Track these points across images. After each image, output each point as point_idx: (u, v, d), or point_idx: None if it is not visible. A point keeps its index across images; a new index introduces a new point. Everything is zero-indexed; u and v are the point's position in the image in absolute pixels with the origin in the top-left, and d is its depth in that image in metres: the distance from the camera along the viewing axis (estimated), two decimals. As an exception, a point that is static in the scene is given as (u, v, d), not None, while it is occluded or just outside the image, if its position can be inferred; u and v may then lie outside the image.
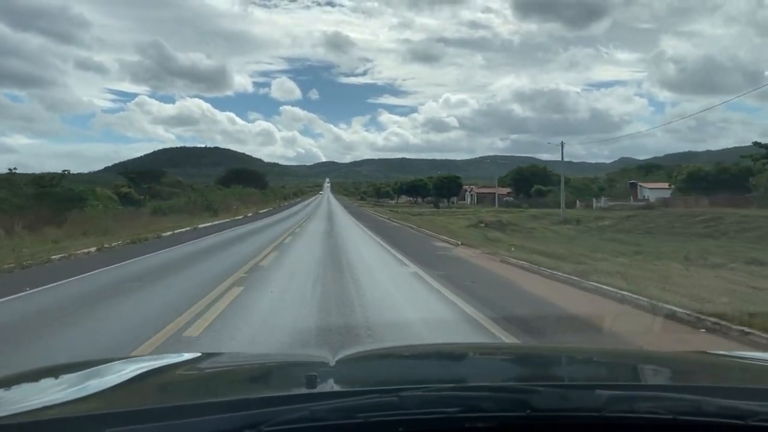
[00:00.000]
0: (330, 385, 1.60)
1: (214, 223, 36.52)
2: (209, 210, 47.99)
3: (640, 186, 74.83)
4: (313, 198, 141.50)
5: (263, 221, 41.06)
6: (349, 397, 1.36)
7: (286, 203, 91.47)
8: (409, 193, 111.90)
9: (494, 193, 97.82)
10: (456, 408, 1.23)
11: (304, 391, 1.41)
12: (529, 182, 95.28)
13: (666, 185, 75.79)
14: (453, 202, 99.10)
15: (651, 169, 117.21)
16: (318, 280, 11.27)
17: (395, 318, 7.89)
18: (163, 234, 24.52)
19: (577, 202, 62.16)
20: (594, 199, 63.74)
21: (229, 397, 1.51)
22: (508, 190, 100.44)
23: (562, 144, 52.76)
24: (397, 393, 1.29)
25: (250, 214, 51.48)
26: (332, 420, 1.20)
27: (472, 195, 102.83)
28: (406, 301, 9.40)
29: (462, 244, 20.67)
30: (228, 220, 41.66)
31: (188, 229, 28.86)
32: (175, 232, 26.42)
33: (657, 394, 1.38)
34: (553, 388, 1.43)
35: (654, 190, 72.55)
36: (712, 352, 2.57)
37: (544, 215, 52.13)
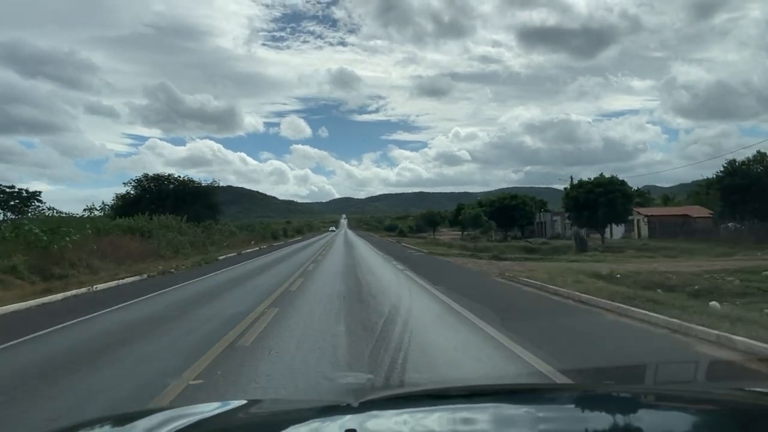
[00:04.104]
0: None
1: None
2: None
3: None
4: (323, 236, 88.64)
5: None
6: None
7: (245, 251, 39.25)
8: (503, 223, 57.98)
9: (689, 217, 44.67)
10: None
11: None
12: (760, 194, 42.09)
13: None
14: (596, 235, 45.41)
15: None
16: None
17: None
18: None
19: None
20: None
21: None
22: (702, 210, 47.36)
23: None
24: None
25: None
26: None
27: (639, 222, 49.27)
28: None
29: None
30: None
31: None
32: None
33: None
34: None
35: None
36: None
37: None
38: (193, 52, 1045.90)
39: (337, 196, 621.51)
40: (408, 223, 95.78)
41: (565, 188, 44.70)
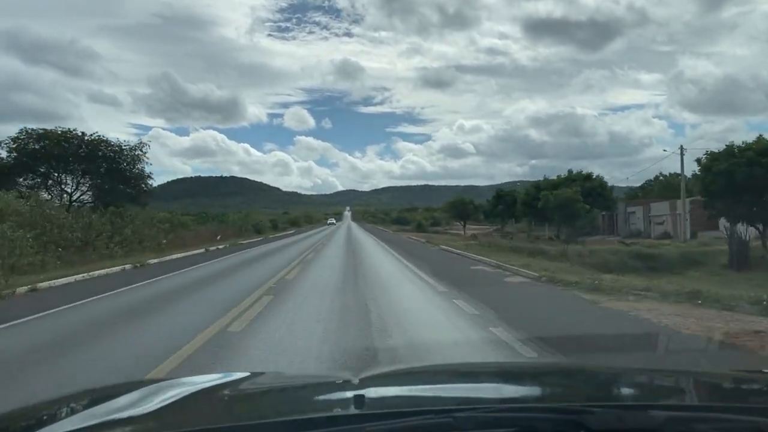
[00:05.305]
0: (375, 405, 1.42)
1: None
2: None
3: None
4: (321, 229, 71.59)
5: None
6: (401, 417, 1.19)
7: (164, 259, 22.15)
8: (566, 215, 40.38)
9: None
10: (511, 429, 1.14)
11: (353, 411, 1.28)
12: None
13: None
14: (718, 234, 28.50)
15: None
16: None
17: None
18: None
19: None
20: None
21: (285, 417, 1.42)
22: None
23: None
24: (451, 414, 1.16)
25: None
26: None
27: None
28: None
29: None
30: None
31: None
32: None
33: (715, 416, 1.25)
34: (608, 409, 1.25)
35: None
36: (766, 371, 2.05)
37: None
38: (198, 42, 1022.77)
39: (341, 188, 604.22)
40: (421, 215, 78.67)
41: (698, 159, 27.49)
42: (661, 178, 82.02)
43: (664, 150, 53.69)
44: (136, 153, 27.95)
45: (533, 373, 2.11)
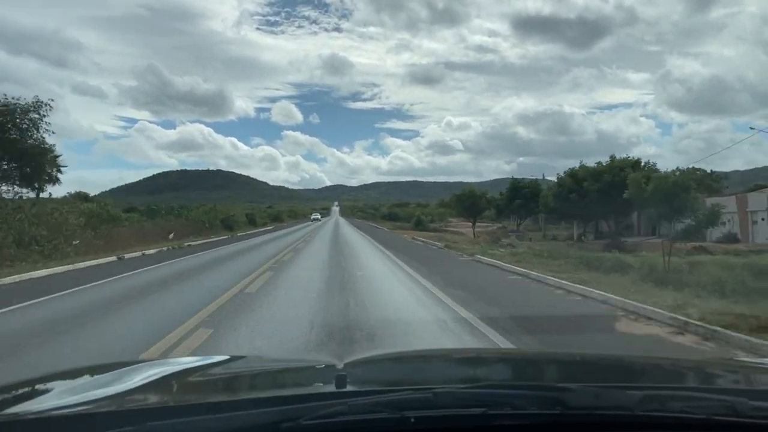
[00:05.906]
0: (357, 384, 1.46)
1: None
2: None
3: None
4: (304, 225, 62.96)
5: None
6: (382, 394, 1.20)
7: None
8: (604, 208, 32.17)
9: None
10: (489, 406, 1.14)
11: (333, 389, 1.31)
12: None
13: None
14: None
15: None
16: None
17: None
18: None
19: None
20: None
21: (267, 394, 1.41)
22: None
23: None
24: (431, 390, 1.18)
25: None
26: (367, 414, 1.10)
27: None
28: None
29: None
30: None
31: None
32: None
33: (690, 394, 1.27)
34: (586, 387, 1.27)
35: None
36: (739, 358, 2.20)
37: None
38: (185, 35, 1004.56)
39: (329, 183, 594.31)
40: (419, 211, 70.42)
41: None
42: (677, 172, 75.52)
43: (751, 128, 47.65)
44: (32, 116, 19.33)
45: (515, 358, 2.20)
